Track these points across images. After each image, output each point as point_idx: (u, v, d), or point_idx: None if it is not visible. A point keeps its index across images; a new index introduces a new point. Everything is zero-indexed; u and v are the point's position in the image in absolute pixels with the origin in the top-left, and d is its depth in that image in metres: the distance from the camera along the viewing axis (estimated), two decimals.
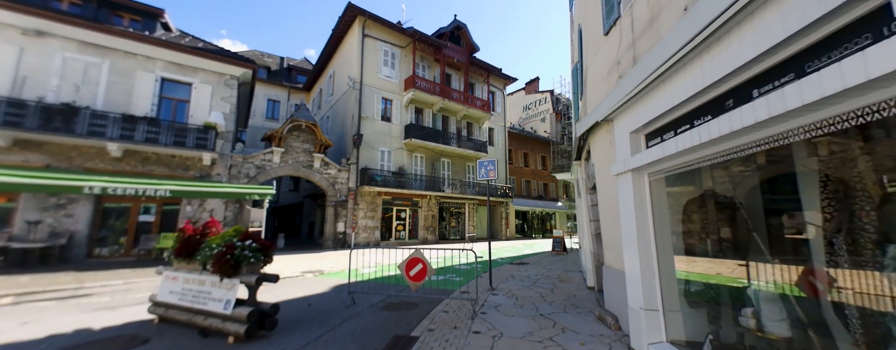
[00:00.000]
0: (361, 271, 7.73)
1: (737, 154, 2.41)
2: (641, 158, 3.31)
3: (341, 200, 14.52)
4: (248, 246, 4.10)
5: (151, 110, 11.52)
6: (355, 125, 15.56)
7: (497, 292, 6.34)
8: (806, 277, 2.97)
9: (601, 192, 4.89)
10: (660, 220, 3.38)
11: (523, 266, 9.96)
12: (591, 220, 6.21)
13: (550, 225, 29.20)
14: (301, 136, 13.96)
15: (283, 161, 13.54)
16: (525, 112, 35.10)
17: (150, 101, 11.56)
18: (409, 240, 17.54)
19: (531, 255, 13.35)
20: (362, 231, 15.15)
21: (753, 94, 2.13)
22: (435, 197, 18.83)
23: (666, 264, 3.31)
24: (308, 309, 5.11)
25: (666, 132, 3.14)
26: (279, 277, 4.06)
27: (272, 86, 23.60)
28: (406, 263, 5.15)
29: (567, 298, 5.89)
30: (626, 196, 3.63)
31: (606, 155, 4.53)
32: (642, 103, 3.35)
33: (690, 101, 2.67)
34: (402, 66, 18.29)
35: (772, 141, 2.11)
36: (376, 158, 16.38)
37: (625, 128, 3.71)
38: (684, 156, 2.90)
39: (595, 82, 5.09)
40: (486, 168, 7.05)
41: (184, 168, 11.60)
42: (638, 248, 3.39)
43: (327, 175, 14.47)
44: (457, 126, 21.01)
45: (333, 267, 9.28)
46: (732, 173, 3.06)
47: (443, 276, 8.03)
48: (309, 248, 14.24)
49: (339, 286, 6.78)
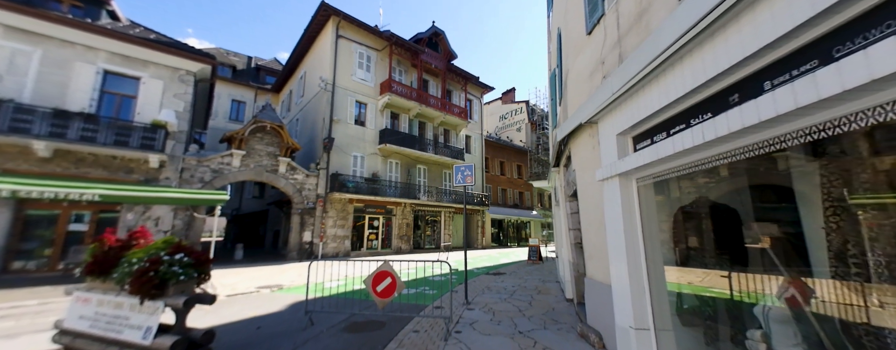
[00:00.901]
0: (327, 285, 7.05)
1: (736, 157, 2.16)
2: (630, 162, 3.04)
3: (309, 208, 13.62)
4: (178, 261, 3.43)
5: (90, 106, 10.28)
6: (326, 128, 14.79)
7: (473, 307, 5.90)
8: (787, 289, 2.78)
9: (583, 199, 4.63)
10: (649, 229, 3.11)
11: (500, 276, 9.60)
12: (571, 228, 5.96)
13: (526, 233, 29.28)
14: (265, 139, 13.02)
15: (244, 165, 12.53)
16: (501, 121, 35.46)
17: (88, 96, 10.32)
18: (382, 249, 16.77)
19: (507, 264, 13.05)
20: (331, 240, 14.25)
21: (765, 86, 1.88)
22: (410, 204, 18.24)
23: (657, 278, 3.02)
24: (257, 333, 4.42)
25: (657, 134, 2.89)
26: (216, 298, 3.41)
27: (237, 86, 22.27)
28: (373, 278, 4.61)
29: (546, 312, 5.55)
30: (612, 203, 3.35)
31: (589, 160, 4.28)
32: (630, 103, 3.10)
33: (687, 97, 2.42)
34: (378, 69, 17.80)
35: (779, 141, 1.86)
36: (348, 164, 15.63)
37: (611, 130, 3.46)
38: (679, 159, 2.64)
39: (576, 85, 4.89)
40: (462, 173, 6.67)
41: (126, 171, 10.38)
42: (626, 260, 3.09)
43: (293, 181, 13.55)
44: (434, 132, 20.66)
45: (295, 281, 8.47)
46: (727, 179, 2.85)
47: (415, 289, 7.50)
48: (271, 260, 13.16)
49: (297, 303, 6.07)
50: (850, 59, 1.34)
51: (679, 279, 3.06)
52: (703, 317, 2.68)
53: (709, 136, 2.13)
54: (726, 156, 2.25)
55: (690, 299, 2.92)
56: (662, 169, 2.88)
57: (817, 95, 1.45)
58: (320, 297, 5.92)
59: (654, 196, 3.19)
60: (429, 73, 20.79)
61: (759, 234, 3.07)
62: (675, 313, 2.92)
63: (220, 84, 21.78)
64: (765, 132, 1.91)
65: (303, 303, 5.94)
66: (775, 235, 2.73)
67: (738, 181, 2.88)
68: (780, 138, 1.84)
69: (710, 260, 2.82)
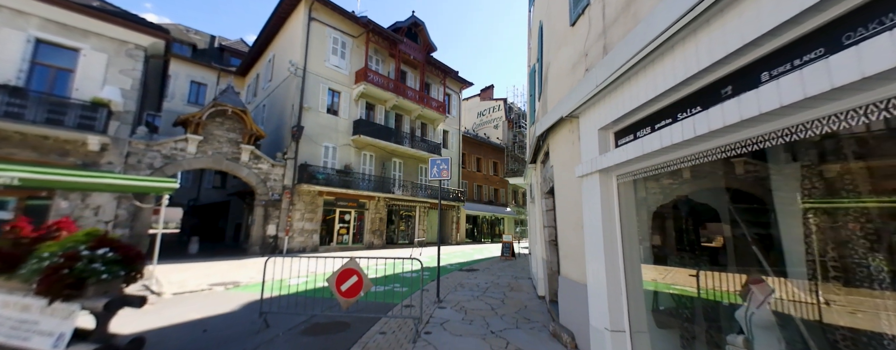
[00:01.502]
0: (292, 282, 6.58)
1: (722, 154, 2.05)
2: (611, 158, 2.90)
3: (274, 200, 12.84)
4: (100, 256, 2.93)
5: (18, 78, 9.03)
6: (295, 116, 13.97)
7: (445, 305, 5.70)
8: (747, 287, 2.76)
9: (560, 196, 4.51)
10: (628, 227, 3.00)
11: (473, 273, 9.49)
12: (546, 226, 5.88)
13: (499, 229, 29.60)
14: (226, 124, 12.08)
15: (201, 151, 11.56)
16: (479, 118, 35.49)
17: (16, 67, 9.06)
18: (354, 244, 16.23)
19: (481, 260, 13.01)
20: (298, 235, 13.56)
21: (762, 77, 1.75)
22: (384, 199, 17.77)
23: (634, 278, 2.92)
24: (201, 337, 3.96)
25: (641, 129, 2.76)
26: (146, 300, 2.95)
27: (198, 66, 20.65)
28: (337, 276, 4.27)
29: (518, 310, 5.45)
30: (591, 200, 3.22)
31: (568, 156, 4.15)
32: (614, 96, 2.96)
33: (676, 89, 2.28)
34: (354, 57, 17.06)
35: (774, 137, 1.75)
36: (319, 154, 14.90)
37: (592, 125, 3.32)
38: (662, 155, 2.52)
39: (558, 79, 4.74)
40: (438, 167, 6.41)
41: (61, 153, 9.24)
42: (604, 259, 2.97)
43: (257, 170, 12.70)
44: (411, 126, 20.21)
45: (254, 277, 7.89)
46: (707, 177, 2.78)
47: (385, 286, 7.19)
48: (231, 255, 12.31)
49: (254, 303, 5.59)
50: (872, 41, 1.20)
51: (655, 278, 2.98)
52: (679, 318, 2.60)
53: (701, 130, 1.99)
54: (712, 153, 2.13)
55: (666, 299, 2.84)
56: (644, 166, 2.77)
57: (830, 84, 1.31)
58: (280, 295, 5.48)
59: (633, 194, 3.09)
60: (407, 64, 20.26)
61: (711, 234, 3.08)
62: (650, 312, 2.84)
63: (177, 63, 20.12)
64: (760, 127, 1.79)
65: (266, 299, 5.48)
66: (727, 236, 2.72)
67: (717, 180, 2.83)
68: (778, 133, 1.72)
69: (689, 260, 2.75)
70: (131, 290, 6.19)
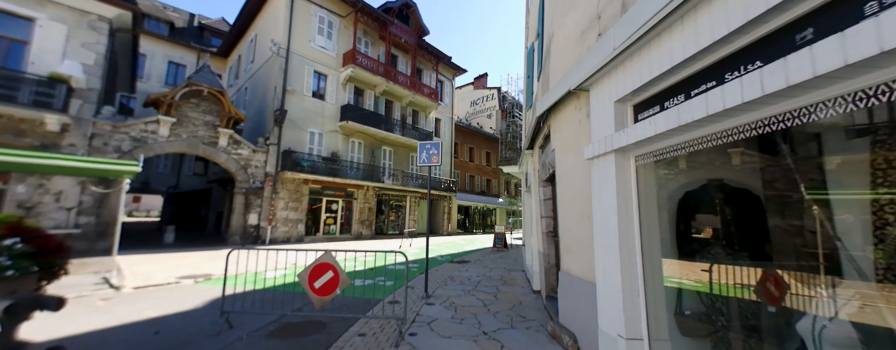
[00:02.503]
0: (266, 275, 6.06)
1: (781, 124, 1.59)
2: (632, 134, 2.42)
3: (255, 187, 12.17)
4: (7, 248, 2.37)
5: None
6: (278, 99, 13.18)
7: (433, 301, 5.26)
8: (764, 283, 2.39)
9: (562, 183, 4.05)
10: (648, 217, 2.55)
11: (464, 265, 9.09)
12: (543, 216, 5.45)
13: (491, 220, 29.39)
14: (202, 106, 11.27)
15: (175, 134, 10.78)
16: (472, 107, 34.82)
17: None
18: (341, 235, 15.71)
19: (472, 251, 12.65)
20: (282, 224, 12.96)
21: (865, 9, 1.27)
22: (373, 188, 17.20)
23: (654, 277, 2.49)
24: (151, 340, 3.44)
25: (671, 97, 2.28)
26: (64, 302, 2.41)
27: (176, 46, 19.46)
28: (310, 271, 3.76)
29: (513, 307, 5.04)
30: (604, 185, 2.75)
31: (573, 137, 3.67)
32: (636, 61, 2.47)
33: (726, 41, 1.79)
34: (341, 38, 16.18)
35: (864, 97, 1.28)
36: (304, 140, 14.18)
37: (607, 97, 2.83)
38: (697, 129, 2.06)
39: (562, 50, 4.22)
40: (428, 151, 5.89)
41: (15, 133, 8.42)
42: (619, 255, 2.52)
43: (237, 156, 11.97)
44: (401, 113, 19.51)
45: (230, 269, 7.33)
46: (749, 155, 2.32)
47: (370, 280, 6.73)
48: (209, 245, 11.68)
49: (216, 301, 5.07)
50: None
51: (679, 275, 2.55)
52: (710, 324, 2.18)
53: (770, 87, 1.50)
54: (768, 123, 1.67)
55: (693, 301, 2.42)
56: (672, 143, 2.30)
57: None
58: (253, 290, 4.96)
59: (654, 177, 2.63)
60: (398, 47, 19.42)
61: (700, 225, 2.68)
62: (673, 316, 2.42)
63: (153, 42, 18.92)
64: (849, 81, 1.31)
65: (230, 297, 4.95)
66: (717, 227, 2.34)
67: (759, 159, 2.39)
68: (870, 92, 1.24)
69: (724, 255, 2.32)
70: (74, 284, 5.59)
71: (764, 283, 2.40)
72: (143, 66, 19.04)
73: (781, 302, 2.23)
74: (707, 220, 2.54)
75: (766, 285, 2.40)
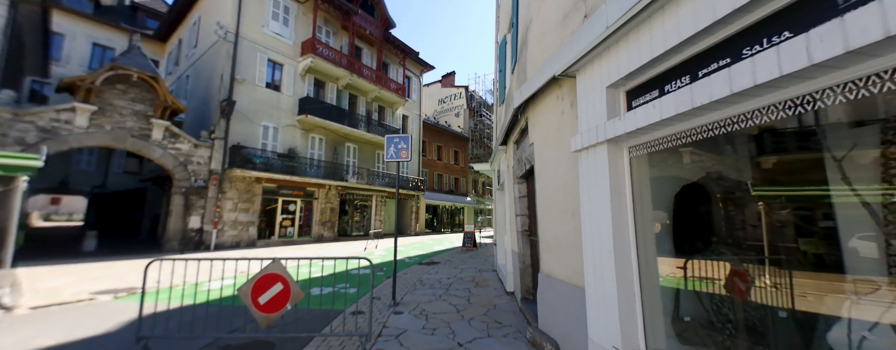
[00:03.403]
0: (210, 286, 5.23)
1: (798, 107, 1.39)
2: (627, 123, 2.17)
3: (198, 186, 10.85)
4: None
5: None
6: (225, 88, 11.87)
7: (402, 308, 4.81)
8: (732, 279, 2.32)
9: (542, 178, 3.79)
10: (643, 213, 2.31)
11: (434, 267, 8.70)
12: (518, 214, 5.20)
13: (460, 219, 29.29)
14: (130, 93, 9.80)
15: (96, 125, 9.26)
16: (440, 105, 34.51)
17: None
18: (300, 237, 14.61)
19: (441, 251, 12.29)
20: (230, 227, 11.70)
21: None
22: (336, 187, 16.23)
23: (650, 280, 2.26)
24: None
25: (671, 81, 2.04)
26: None
27: (102, 26, 17.02)
28: (253, 284, 3.15)
29: (488, 311, 4.74)
30: (594, 179, 2.49)
31: (554, 129, 3.41)
32: (631, 41, 2.22)
33: (745, 11, 1.55)
34: (299, 25, 15.03)
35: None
36: (256, 135, 12.96)
37: (597, 83, 2.56)
38: (703, 115, 1.82)
39: (541, 37, 3.96)
40: (396, 145, 5.40)
41: None
42: (614, 256, 2.26)
43: (175, 151, 10.58)
44: (367, 108, 18.65)
45: (162, 281, 6.31)
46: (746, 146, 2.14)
47: (331, 287, 6.11)
48: (141, 252, 10.21)
49: (146, 318, 4.23)
50: None
51: (673, 274, 2.34)
52: (718, 332, 1.97)
53: (802, 63, 1.26)
54: (786, 106, 1.46)
55: (693, 305, 2.21)
56: (673, 132, 2.06)
57: None
58: (186, 306, 4.17)
59: (648, 170, 2.40)
60: (362, 39, 18.52)
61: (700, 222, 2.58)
62: (670, 323, 2.20)
63: (74, 20, 16.42)
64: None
65: (155, 315, 4.14)
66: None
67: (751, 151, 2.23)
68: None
69: (727, 253, 2.13)
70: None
71: (732, 278, 2.29)
72: (61, 47, 16.43)
73: (747, 296, 2.13)
74: (707, 217, 2.38)
75: (734, 280, 2.30)
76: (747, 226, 2.30)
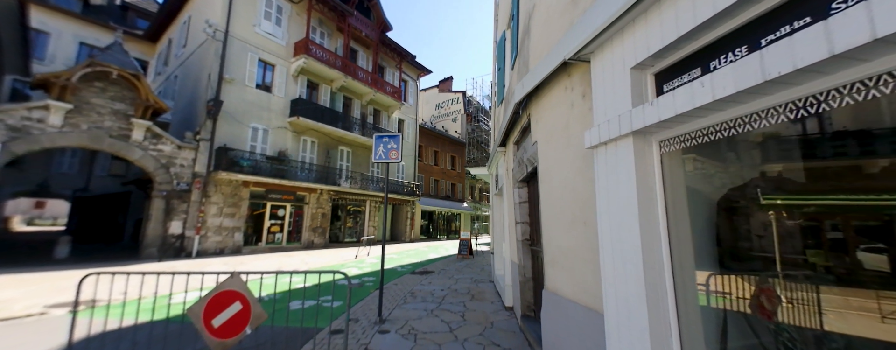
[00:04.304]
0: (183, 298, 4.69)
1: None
2: (663, 109, 1.73)
3: (181, 190, 10.30)
4: None
5: None
6: (212, 88, 11.40)
7: (388, 326, 4.30)
8: (758, 298, 1.92)
9: (547, 180, 3.34)
10: (679, 221, 1.87)
11: (427, 276, 8.18)
12: (518, 221, 4.74)
13: (456, 226, 28.76)
14: (110, 91, 9.31)
15: (71, 124, 8.75)
16: (437, 110, 34.24)
17: None
18: (288, 244, 14.02)
19: (436, 259, 11.77)
20: (214, 233, 11.11)
21: None
22: (328, 192, 15.70)
23: (687, 301, 1.80)
24: None
25: (719, 54, 1.62)
26: None
27: (90, 25, 16.55)
28: (206, 303, 2.66)
29: (484, 330, 4.24)
30: (615, 180, 2.05)
31: (563, 124, 2.98)
32: (664, 10, 1.80)
33: None
34: (293, 25, 14.68)
35: None
36: (245, 137, 12.46)
37: (618, 64, 2.14)
38: (763, 96, 1.39)
39: (546, 24, 3.56)
40: (385, 145, 4.95)
41: None
42: (642, 276, 1.81)
43: (156, 152, 10.06)
44: (361, 111, 18.23)
45: (131, 293, 5.75)
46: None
47: (313, 300, 5.59)
48: (117, 259, 9.60)
49: (94, 338, 3.72)
50: None
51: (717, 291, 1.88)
52: None
53: None
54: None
55: (741, 329, 1.76)
56: (718, 121, 1.64)
57: None
58: (140, 324, 3.65)
59: (683, 169, 1.96)
60: (358, 42, 18.21)
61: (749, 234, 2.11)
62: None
63: (60, 18, 15.96)
64: None
65: (107, 335, 3.63)
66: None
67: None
68: None
69: (788, 270, 1.68)
70: None
71: (758, 297, 1.87)
72: (46, 46, 15.92)
73: (773, 316, 1.70)
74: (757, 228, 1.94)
75: (761, 299, 1.88)
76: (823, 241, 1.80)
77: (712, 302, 1.82)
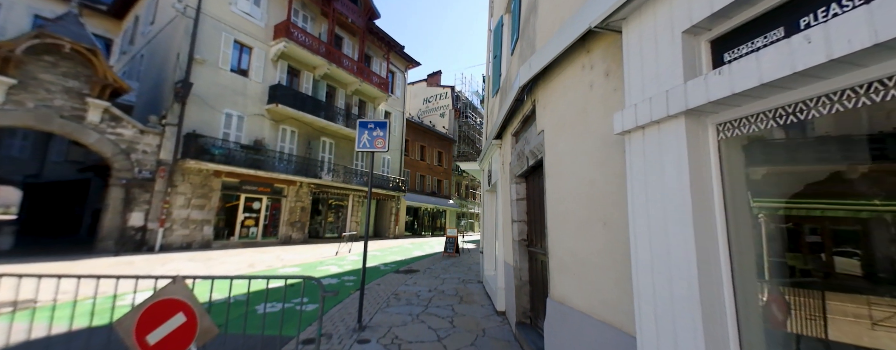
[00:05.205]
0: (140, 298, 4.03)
1: None
2: (735, 79, 1.34)
3: (142, 178, 9.40)
4: None
5: None
6: (181, 69, 10.46)
7: (368, 335, 3.84)
8: (770, 306, 1.65)
9: (556, 174, 2.95)
10: (741, 225, 1.49)
11: (412, 276, 7.74)
12: (515, 220, 4.35)
13: (441, 222, 28.39)
14: (62, 66, 8.32)
15: (14, 101, 7.75)
16: (425, 104, 33.60)
17: None
18: (264, 238, 13.24)
19: (421, 257, 11.33)
20: (180, 226, 10.26)
21: None
22: (308, 184, 14.94)
23: (750, 326, 1.43)
24: None
25: (807, 12, 1.24)
26: None
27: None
28: (140, 315, 2.12)
29: (476, 339, 3.85)
30: (658, 171, 1.65)
31: (579, 109, 2.59)
32: None
33: None
34: (273, 6, 13.77)
35: None
36: (217, 123, 11.57)
37: (665, 29, 1.73)
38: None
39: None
40: (371, 133, 4.45)
41: None
42: (698, 292, 1.42)
43: (115, 136, 9.12)
44: (346, 101, 17.46)
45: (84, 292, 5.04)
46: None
47: (287, 303, 5.03)
48: (69, 253, 8.65)
49: (31, 341, 3.11)
50: None
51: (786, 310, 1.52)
52: None
53: None
54: None
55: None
56: (798, 99, 1.26)
57: None
58: (79, 330, 3.04)
59: (743, 158, 1.59)
60: (344, 28, 17.38)
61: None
62: None
63: None
64: None
65: (53, 340, 3.02)
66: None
67: None
68: None
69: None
70: None
71: (769, 305, 1.56)
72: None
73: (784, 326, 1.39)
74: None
75: (772, 307, 1.57)
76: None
77: (788, 325, 1.46)
